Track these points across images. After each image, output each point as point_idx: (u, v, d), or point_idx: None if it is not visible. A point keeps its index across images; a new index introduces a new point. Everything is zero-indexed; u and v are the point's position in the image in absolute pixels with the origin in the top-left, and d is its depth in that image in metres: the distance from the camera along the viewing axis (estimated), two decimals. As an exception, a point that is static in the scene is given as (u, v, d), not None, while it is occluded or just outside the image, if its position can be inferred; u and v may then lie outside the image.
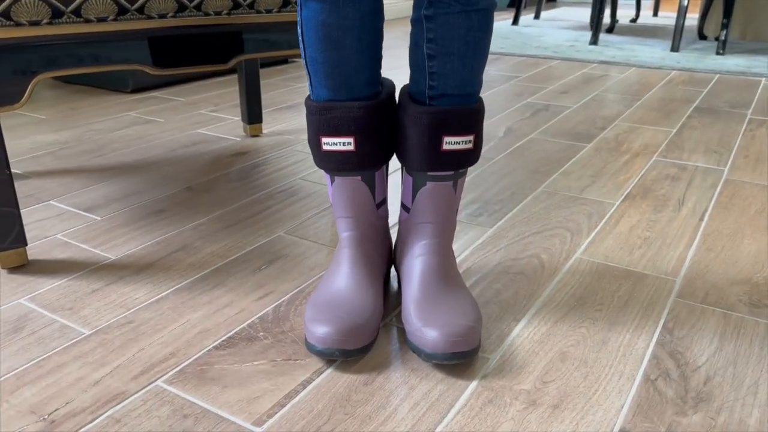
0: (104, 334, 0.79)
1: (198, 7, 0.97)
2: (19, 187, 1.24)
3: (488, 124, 1.69)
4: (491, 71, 2.37)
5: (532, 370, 0.73)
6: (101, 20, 0.89)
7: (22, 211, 1.13)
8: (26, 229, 1.07)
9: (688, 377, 0.72)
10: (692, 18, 3.78)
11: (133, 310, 0.84)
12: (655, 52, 2.69)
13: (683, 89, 2.09)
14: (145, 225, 1.09)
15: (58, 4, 0.86)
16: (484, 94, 2.03)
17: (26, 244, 0.93)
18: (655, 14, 3.87)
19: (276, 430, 0.64)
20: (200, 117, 1.74)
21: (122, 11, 0.91)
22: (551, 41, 2.93)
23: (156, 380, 0.71)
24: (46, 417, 0.65)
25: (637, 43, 2.91)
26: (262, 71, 2.36)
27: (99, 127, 1.64)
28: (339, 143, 0.77)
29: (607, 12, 3.89)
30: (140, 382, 0.71)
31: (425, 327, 0.73)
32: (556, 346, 0.78)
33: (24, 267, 0.94)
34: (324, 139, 0.78)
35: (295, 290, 0.89)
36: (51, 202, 1.18)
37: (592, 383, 0.71)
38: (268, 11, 1.03)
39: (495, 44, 2.83)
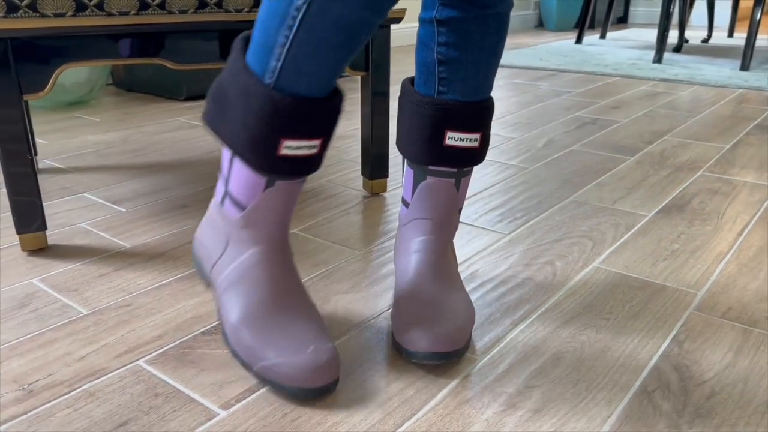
0: (100, 315, 0.81)
1: (218, 4, 0.99)
2: (57, 179, 1.30)
3: (529, 136, 1.65)
4: (542, 86, 2.32)
5: (519, 374, 0.69)
6: (123, 14, 0.93)
7: (55, 201, 1.18)
8: (54, 217, 1.11)
9: (689, 391, 0.66)
10: (765, 39, 3.59)
11: (133, 294, 0.86)
12: (723, 71, 2.56)
13: (746, 107, 1.97)
14: (165, 218, 1.11)
15: (82, -2, 0.90)
16: (530, 108, 1.98)
17: (46, 229, 0.97)
18: (730, 35, 3.70)
19: (241, 413, 0.63)
20: (244, 123, 1.78)
21: (144, 6, 0.94)
22: (613, 59, 2.85)
23: (138, 360, 0.72)
24: (25, 386, 0.67)
25: (704, 62, 2.78)
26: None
27: (146, 130, 1.71)
28: (305, 147, 0.64)
29: (677, 32, 3.76)
30: (122, 361, 0.71)
31: (409, 325, 0.71)
32: (550, 352, 0.73)
33: (43, 250, 0.98)
34: (286, 143, 0.63)
35: (294, 284, 0.89)
36: (84, 194, 1.22)
37: (582, 391, 0.67)
38: (290, 10, 1.05)
39: (551, 61, 2.77)
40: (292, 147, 0.64)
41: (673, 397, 0.65)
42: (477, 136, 0.76)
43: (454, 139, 0.76)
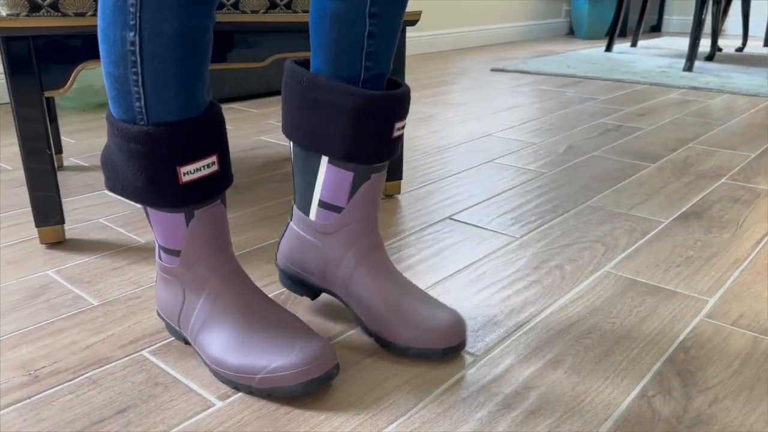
0: (110, 306, 0.82)
1: (235, 6, 1.01)
2: (81, 177, 1.33)
3: (550, 141, 1.63)
4: (568, 93, 2.30)
5: (517, 375, 0.69)
6: (141, 14, 0.95)
7: (77, 198, 1.21)
8: (74, 212, 1.14)
9: (691, 397, 0.65)
10: (809, 48, 3.50)
11: (143, 287, 0.87)
12: (755, 80, 2.50)
13: (778, 116, 1.93)
14: (181, 215, 1.13)
15: (102, -2, 0.92)
16: (553, 114, 1.97)
17: (63, 223, 1.00)
18: (766, 44, 3.62)
19: (237, 405, 0.64)
20: (267, 126, 1.80)
21: (162, 7, 0.96)
22: (642, 67, 2.81)
23: (142, 350, 0.73)
24: (32, 372, 0.69)
25: (737, 71, 2.73)
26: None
27: (171, 131, 1.74)
28: (203, 167, 0.64)
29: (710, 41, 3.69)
30: (126, 350, 0.73)
31: (402, 320, 0.70)
32: (551, 354, 0.72)
33: (60, 243, 1.01)
34: (183, 169, 0.63)
35: (301, 281, 0.89)
36: (105, 191, 1.25)
37: (580, 393, 0.66)
38: (305, 11, 1.06)
39: (579, 69, 2.75)
40: (191, 171, 0.63)
41: (674, 402, 0.64)
42: (405, 121, 0.75)
43: (399, 129, 0.72)
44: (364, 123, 0.69)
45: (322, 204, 0.74)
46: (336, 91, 0.68)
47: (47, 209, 0.98)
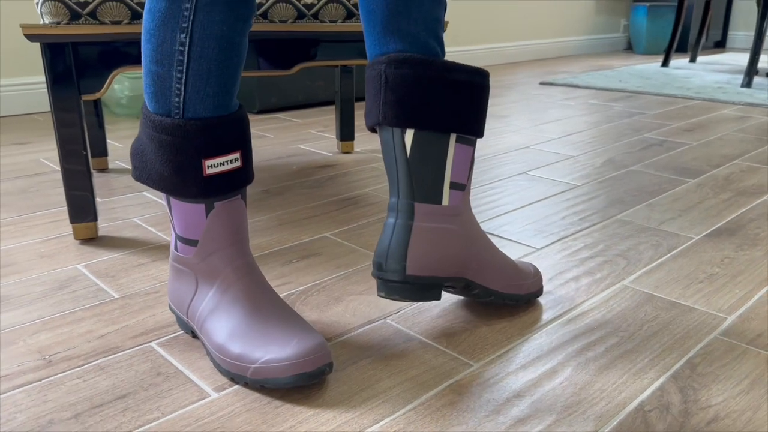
0: (129, 300, 0.86)
1: (264, 15, 1.04)
2: (123, 179, 1.40)
3: (589, 154, 1.61)
4: (616, 108, 2.25)
5: (512, 383, 0.68)
6: (173, 23, 0.99)
7: (116, 198, 1.27)
8: (111, 211, 1.19)
9: (690, 414, 0.63)
10: None
11: (163, 283, 0.91)
12: (819, 96, 2.39)
13: (837, 134, 1.84)
14: (211, 217, 1.17)
15: (137, 7, 0.97)
16: (597, 128, 1.93)
17: (96, 221, 1.05)
18: (838, 60, 3.45)
19: (231, 397, 0.66)
20: (307, 135, 1.84)
21: (194, 16, 1.00)
22: (698, 82, 2.73)
23: (151, 341, 0.76)
24: (46, 357, 0.73)
25: (801, 87, 2.61)
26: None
27: (215, 138, 1.80)
28: (226, 162, 0.69)
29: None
30: (136, 341, 0.76)
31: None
32: (550, 365, 0.71)
33: (93, 240, 1.06)
34: (209, 162, 0.68)
35: (312, 283, 0.91)
36: (143, 192, 1.31)
37: (573, 404, 0.65)
38: (333, 21, 1.08)
39: (631, 83, 2.69)
40: (215, 165, 0.68)
41: (671, 418, 0.62)
42: None
43: None
44: (480, 96, 0.73)
45: (453, 185, 0.74)
46: (453, 69, 0.71)
47: (81, 207, 1.03)
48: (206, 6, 0.64)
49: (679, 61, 3.51)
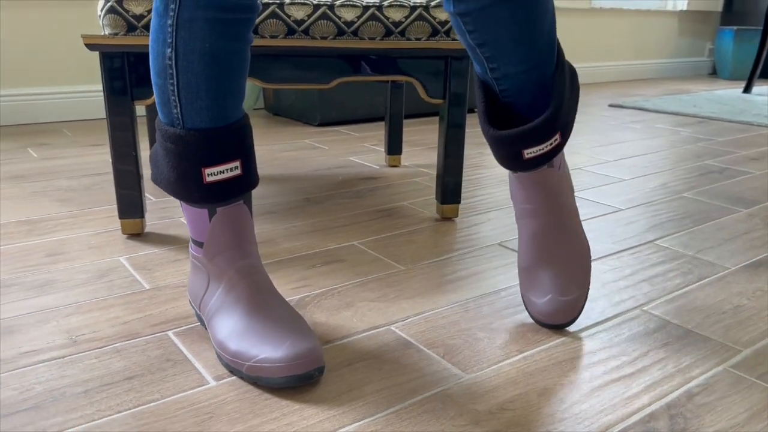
0: (158, 291, 0.92)
1: (306, 32, 1.10)
2: (178, 181, 1.49)
3: (641, 179, 1.57)
4: (683, 133, 2.18)
5: (497, 396, 0.69)
6: (220, 36, 1.06)
7: (166, 198, 1.35)
8: (161, 210, 1.28)
9: (673, 442, 0.62)
10: None
11: (191, 278, 0.97)
12: None
13: None
14: (250, 221, 1.23)
15: (187, 21, 1.04)
16: (657, 152, 1.88)
17: (143, 218, 1.13)
18: None
19: (227, 386, 0.70)
20: (360, 148, 1.89)
21: (239, 30, 1.07)
22: (779, 110, 2.59)
23: (168, 330, 0.82)
24: (73, 337, 0.79)
25: None
26: (428, 119, 2.46)
27: (272, 148, 1.88)
28: (226, 170, 0.72)
29: None
30: (155, 329, 0.82)
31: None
32: (542, 382, 0.71)
33: (139, 235, 1.14)
34: (208, 171, 0.71)
35: (330, 287, 0.94)
36: (194, 194, 1.39)
37: (554, 422, 0.65)
38: (371, 38, 1.12)
39: (705, 108, 2.59)
40: (214, 173, 0.72)
41: (651, 445, 0.61)
42: (555, 137, 0.80)
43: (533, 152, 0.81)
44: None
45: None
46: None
47: (130, 204, 1.11)
48: (186, 23, 0.68)
49: (763, 87, 3.35)
